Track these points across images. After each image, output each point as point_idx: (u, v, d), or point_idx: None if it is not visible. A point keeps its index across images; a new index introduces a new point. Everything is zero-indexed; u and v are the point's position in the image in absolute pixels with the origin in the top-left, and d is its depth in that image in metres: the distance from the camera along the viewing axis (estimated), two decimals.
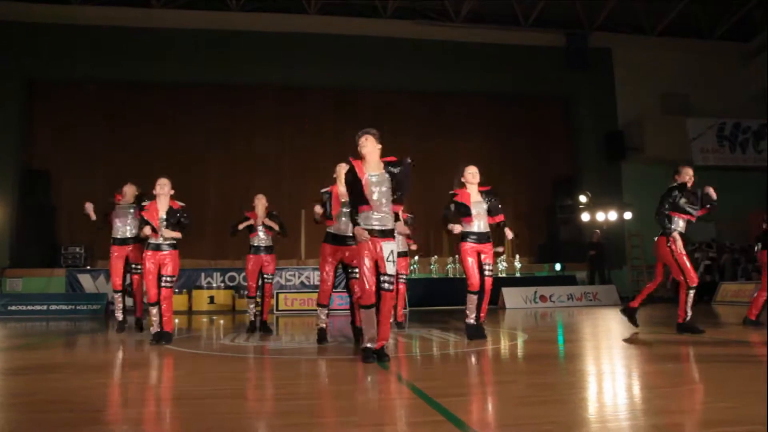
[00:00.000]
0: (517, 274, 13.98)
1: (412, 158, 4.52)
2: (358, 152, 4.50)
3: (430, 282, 13.27)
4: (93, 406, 3.07)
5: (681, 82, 16.62)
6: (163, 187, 5.87)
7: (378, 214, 4.39)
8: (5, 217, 13.63)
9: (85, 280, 12.39)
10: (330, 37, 15.15)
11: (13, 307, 11.23)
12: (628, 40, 16.58)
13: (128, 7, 14.52)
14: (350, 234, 5.50)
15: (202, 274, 12.66)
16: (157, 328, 5.85)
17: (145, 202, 5.96)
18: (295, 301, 11.64)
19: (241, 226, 7.06)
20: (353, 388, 3.52)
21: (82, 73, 14.50)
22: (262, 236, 7.13)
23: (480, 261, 5.88)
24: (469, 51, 15.74)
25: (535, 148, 16.41)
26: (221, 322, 9.03)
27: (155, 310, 5.86)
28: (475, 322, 5.80)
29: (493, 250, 5.99)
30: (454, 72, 15.62)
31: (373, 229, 4.37)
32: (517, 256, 14.44)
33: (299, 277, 12.83)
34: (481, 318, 5.92)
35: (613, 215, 14.74)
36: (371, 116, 13.55)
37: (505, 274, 13.73)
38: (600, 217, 14.75)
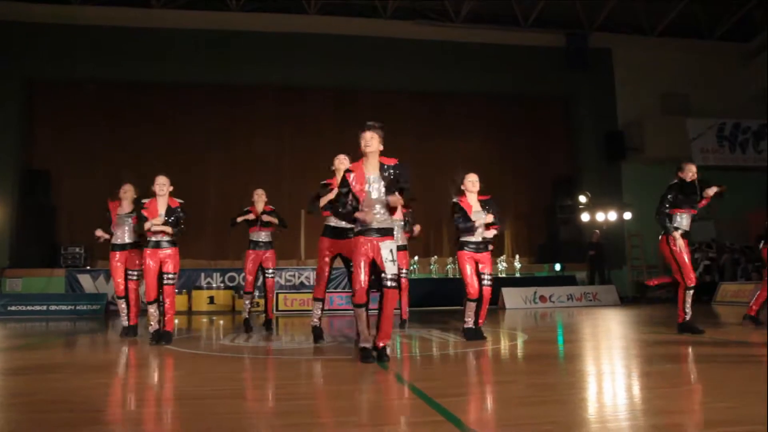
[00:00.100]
0: (517, 275, 13.98)
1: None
2: (361, 148, 4.39)
3: (430, 282, 13.27)
4: (93, 406, 3.08)
5: (681, 82, 16.62)
6: (162, 187, 5.86)
7: (376, 212, 4.34)
8: (5, 217, 13.63)
9: (84, 280, 12.40)
10: (330, 38, 15.15)
11: (12, 308, 11.24)
12: (628, 41, 16.57)
13: (128, 7, 14.51)
14: (349, 227, 5.49)
15: (202, 275, 12.68)
16: (156, 326, 5.83)
17: (145, 200, 5.95)
18: (294, 302, 11.65)
19: (240, 219, 7.06)
20: (353, 388, 3.52)
21: (82, 73, 14.49)
22: (261, 232, 7.13)
23: (478, 271, 5.88)
24: (469, 51, 15.73)
25: (535, 148, 16.41)
26: (221, 323, 9.04)
27: (153, 308, 5.85)
28: (473, 326, 5.80)
29: (490, 258, 5.97)
30: (454, 72, 15.62)
31: (371, 229, 4.35)
32: (517, 257, 14.45)
33: (299, 278, 12.83)
34: (480, 323, 5.91)
35: (612, 215, 14.74)
36: (371, 116, 13.31)
37: (504, 275, 13.73)
38: (600, 217, 14.75)
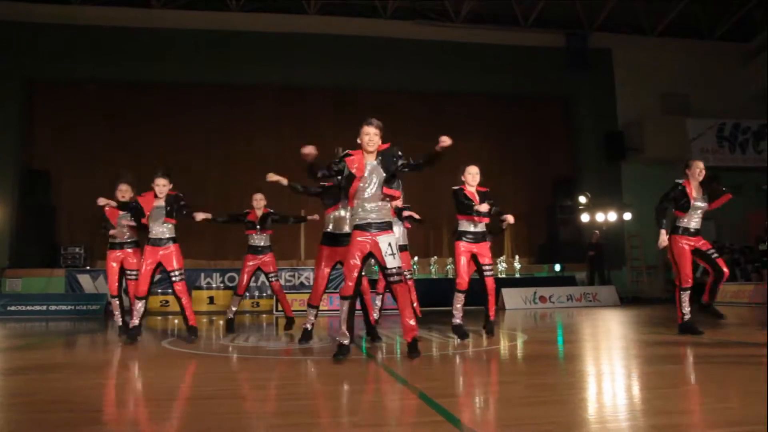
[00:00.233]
0: (517, 275, 13.99)
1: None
2: (362, 142, 4.37)
3: (430, 282, 13.26)
4: (93, 406, 3.08)
5: (681, 82, 16.63)
6: (162, 189, 5.88)
7: (373, 206, 4.35)
8: (5, 217, 13.63)
9: (84, 280, 12.39)
10: (330, 38, 15.15)
11: (12, 308, 11.24)
12: (628, 41, 16.58)
13: (128, 7, 14.53)
14: (346, 232, 5.52)
15: (202, 275, 12.67)
16: (137, 322, 5.87)
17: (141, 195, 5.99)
18: (294, 302, 11.62)
19: (200, 217, 6.20)
20: (353, 388, 3.52)
21: (82, 73, 14.50)
22: (259, 236, 7.12)
23: (478, 263, 5.92)
24: (469, 51, 15.73)
25: (535, 149, 16.42)
26: (221, 323, 9.03)
27: (140, 304, 5.89)
28: (460, 322, 5.84)
29: (489, 249, 6.02)
30: (454, 72, 15.62)
31: (368, 223, 4.35)
32: (517, 257, 14.45)
33: (299, 278, 12.83)
34: (491, 317, 5.97)
35: (612, 216, 14.75)
36: (371, 116, 13.52)
37: (504, 275, 13.74)
38: (600, 217, 14.75)
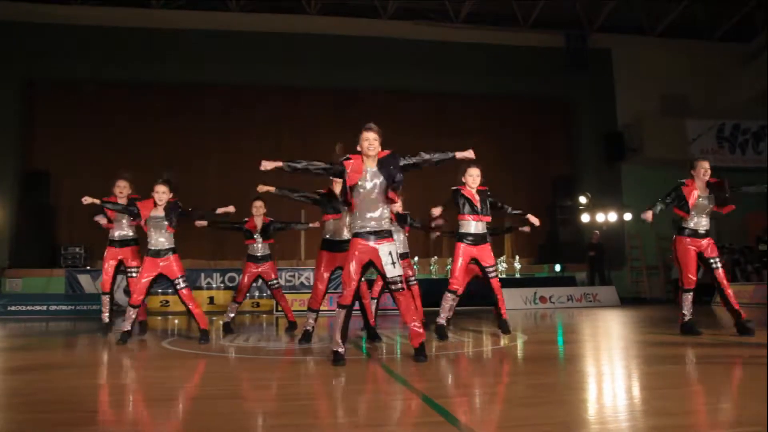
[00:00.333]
0: (517, 275, 13.98)
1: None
2: (362, 148, 4.35)
3: (430, 283, 13.22)
4: (93, 406, 3.08)
5: (681, 83, 16.62)
6: (161, 196, 5.89)
7: (373, 214, 4.33)
8: (5, 218, 13.63)
9: (84, 280, 12.40)
10: (330, 38, 15.16)
11: (12, 308, 11.25)
12: (628, 41, 16.59)
13: (128, 7, 14.54)
14: (345, 238, 5.53)
15: (202, 275, 12.67)
16: (129, 327, 5.93)
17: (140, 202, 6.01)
18: (294, 302, 11.62)
19: (221, 210, 6.36)
20: (353, 388, 3.52)
21: (82, 73, 14.51)
22: (259, 245, 7.13)
23: (481, 267, 5.96)
24: (468, 52, 15.74)
25: (535, 149, 16.42)
26: (221, 323, 9.02)
27: (133, 312, 5.96)
28: (444, 323, 5.85)
29: (490, 251, 6.02)
30: (453, 72, 15.63)
31: (368, 231, 4.32)
32: (517, 257, 14.44)
33: (299, 278, 12.83)
34: (504, 315, 6.01)
35: (612, 216, 14.75)
36: (371, 116, 13.42)
37: (504, 275, 13.73)
38: (600, 218, 14.75)
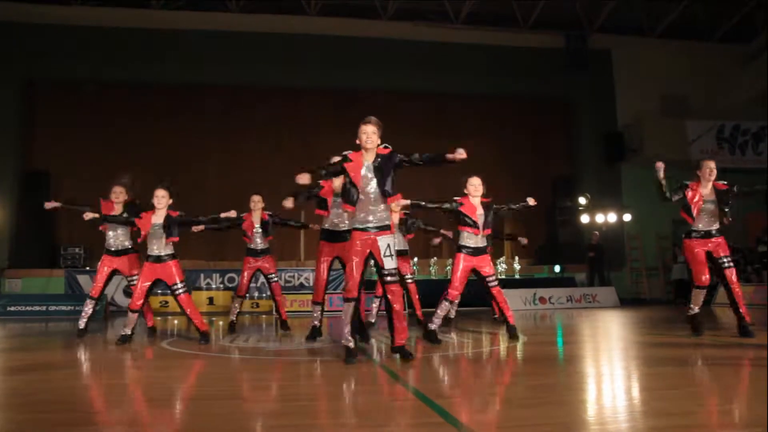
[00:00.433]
0: (517, 276, 13.97)
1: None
2: (362, 143, 4.37)
3: (430, 283, 13.23)
4: (93, 406, 3.08)
5: (681, 83, 16.61)
6: (161, 200, 5.88)
7: (372, 207, 4.37)
8: (5, 218, 13.63)
9: (84, 280, 12.38)
10: (330, 39, 15.16)
11: (12, 308, 11.23)
12: (628, 42, 16.59)
13: (128, 8, 14.53)
14: (344, 228, 5.54)
15: (201, 275, 12.66)
16: (129, 332, 5.96)
17: (142, 213, 6.02)
18: (294, 302, 11.64)
19: (224, 215, 6.48)
20: (353, 389, 3.52)
21: (82, 73, 14.49)
22: (258, 240, 7.13)
23: (481, 276, 5.96)
24: (468, 52, 15.74)
25: (535, 150, 16.41)
26: (220, 324, 9.03)
27: (134, 316, 5.98)
28: (435, 329, 5.82)
29: (490, 260, 6.02)
30: (453, 73, 15.63)
31: (368, 226, 4.36)
32: (517, 258, 14.44)
33: (299, 278, 12.83)
34: (510, 320, 6.01)
35: (612, 217, 14.75)
36: (369, 115, 13.53)
37: (504, 276, 13.72)
38: (599, 218, 14.75)
